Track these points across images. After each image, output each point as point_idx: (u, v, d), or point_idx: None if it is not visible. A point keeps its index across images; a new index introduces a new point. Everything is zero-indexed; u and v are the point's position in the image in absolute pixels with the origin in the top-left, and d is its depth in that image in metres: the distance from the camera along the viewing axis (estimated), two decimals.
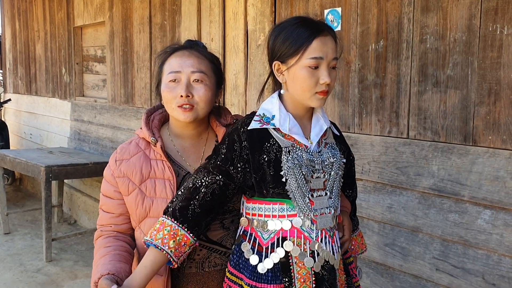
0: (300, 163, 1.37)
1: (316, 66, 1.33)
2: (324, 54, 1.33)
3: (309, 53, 1.32)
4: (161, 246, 1.34)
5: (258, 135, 1.39)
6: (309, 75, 1.33)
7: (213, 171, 1.39)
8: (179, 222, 1.36)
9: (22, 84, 7.13)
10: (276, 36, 1.38)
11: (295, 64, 1.34)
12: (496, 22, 1.88)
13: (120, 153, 1.58)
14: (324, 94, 1.36)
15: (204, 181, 1.38)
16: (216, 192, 1.38)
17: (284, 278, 1.38)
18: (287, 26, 1.37)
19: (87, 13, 5.09)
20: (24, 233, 5.02)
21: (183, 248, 1.37)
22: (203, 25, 3.44)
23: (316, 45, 1.32)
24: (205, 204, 1.37)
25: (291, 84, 1.38)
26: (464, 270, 2.03)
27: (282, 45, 1.36)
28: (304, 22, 1.36)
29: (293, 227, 1.38)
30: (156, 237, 1.36)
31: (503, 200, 1.89)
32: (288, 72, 1.37)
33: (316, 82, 1.34)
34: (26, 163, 4.46)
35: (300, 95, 1.38)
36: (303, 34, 1.33)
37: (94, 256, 1.53)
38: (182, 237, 1.36)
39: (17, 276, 3.95)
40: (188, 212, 1.37)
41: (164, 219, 1.38)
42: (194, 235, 1.38)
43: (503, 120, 1.88)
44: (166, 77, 1.52)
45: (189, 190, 1.39)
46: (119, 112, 4.64)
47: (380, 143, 2.32)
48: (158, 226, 1.38)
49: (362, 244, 1.70)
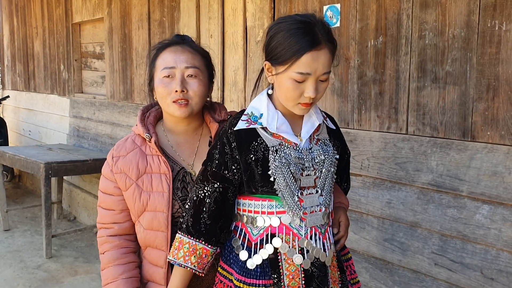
0: (288, 161, 1.36)
1: (302, 80, 1.30)
2: (313, 70, 1.29)
3: (297, 67, 1.29)
4: (184, 264, 1.41)
5: (246, 135, 1.39)
6: (293, 88, 1.31)
7: (211, 179, 1.40)
8: (196, 238, 1.41)
9: (20, 81, 7.12)
10: (272, 37, 1.35)
11: (282, 73, 1.32)
12: (494, 18, 1.89)
13: (116, 150, 1.60)
14: (307, 105, 1.35)
15: (206, 191, 1.40)
16: (218, 199, 1.40)
17: (273, 274, 1.39)
18: (285, 29, 1.31)
19: (86, 9, 5.08)
20: (24, 230, 5.03)
21: (205, 259, 1.42)
22: (202, 22, 3.44)
23: (305, 60, 1.28)
24: (213, 214, 1.40)
25: (277, 89, 1.38)
26: (463, 264, 2.04)
27: (274, 49, 1.33)
28: (301, 29, 1.29)
29: (282, 223, 1.39)
30: (178, 255, 1.41)
31: (501, 195, 1.90)
32: (276, 77, 1.36)
33: (300, 95, 1.32)
34: (26, 159, 4.46)
35: (283, 102, 1.38)
36: (295, 45, 1.28)
37: (104, 268, 1.57)
38: (201, 251, 1.41)
39: (18, 273, 3.96)
40: (201, 226, 1.40)
41: (181, 237, 1.43)
42: (212, 245, 1.42)
43: (501, 116, 1.89)
44: (160, 73, 1.54)
45: (195, 203, 1.41)
46: (118, 109, 4.64)
47: (379, 139, 2.34)
48: (178, 245, 1.43)
49: None
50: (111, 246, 1.57)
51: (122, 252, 1.58)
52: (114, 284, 1.53)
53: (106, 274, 1.56)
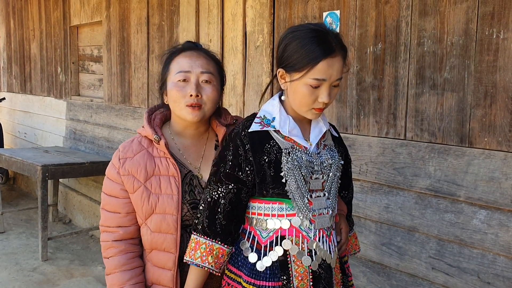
0: (300, 164, 1.40)
1: (317, 86, 1.35)
2: (328, 76, 1.35)
3: (313, 74, 1.34)
4: (202, 264, 1.43)
5: (259, 137, 1.43)
6: (309, 93, 1.36)
7: (225, 180, 1.43)
8: (212, 238, 1.43)
9: (16, 83, 7.10)
10: (287, 44, 1.39)
11: (298, 79, 1.37)
12: (492, 26, 1.92)
13: (123, 151, 1.59)
14: (320, 110, 1.40)
15: (220, 191, 1.43)
16: (232, 200, 1.43)
17: (282, 276, 1.41)
18: (300, 37, 1.36)
19: (84, 12, 5.09)
20: (19, 232, 5.01)
21: (222, 259, 1.45)
22: (202, 26, 3.46)
23: (321, 67, 1.33)
24: (228, 214, 1.43)
25: (291, 95, 1.41)
26: (460, 269, 2.07)
27: (290, 57, 1.37)
28: (317, 38, 1.35)
29: (292, 226, 1.42)
30: (195, 256, 1.44)
31: (498, 201, 1.93)
32: (290, 84, 1.40)
33: (315, 100, 1.37)
34: (22, 162, 4.45)
35: (297, 107, 1.42)
36: (312, 53, 1.33)
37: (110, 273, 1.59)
38: (218, 251, 1.44)
39: (13, 275, 3.95)
40: (216, 226, 1.43)
41: (197, 238, 1.45)
42: (228, 245, 1.45)
43: (498, 122, 1.92)
44: (174, 76, 1.54)
45: (210, 204, 1.44)
46: (115, 112, 4.64)
47: (377, 144, 2.36)
48: (194, 245, 1.45)
49: (356, 245, 1.73)
50: (116, 251, 1.57)
51: (128, 257, 1.58)
52: None
53: (112, 279, 1.57)
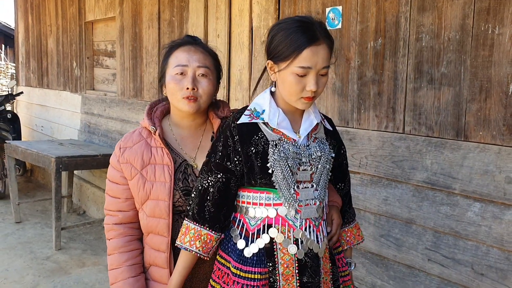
0: (287, 155, 1.45)
1: (304, 74, 1.39)
2: (313, 64, 1.38)
3: (298, 62, 1.37)
4: (190, 248, 1.50)
5: (248, 129, 1.48)
6: (296, 82, 1.40)
7: (214, 169, 1.49)
8: (200, 224, 1.51)
9: (34, 77, 7.27)
10: (273, 36, 1.44)
11: (285, 68, 1.41)
12: (488, 22, 1.95)
13: (124, 141, 1.70)
14: (309, 99, 1.43)
15: (210, 181, 1.50)
16: (221, 189, 1.49)
17: (268, 262, 1.47)
18: (285, 28, 1.41)
19: (98, 8, 5.20)
20: (35, 223, 5.16)
21: (209, 244, 1.51)
22: (210, 22, 3.53)
23: (306, 54, 1.37)
24: (216, 202, 1.49)
25: (280, 85, 1.46)
26: (455, 260, 2.10)
27: (276, 47, 1.42)
28: (301, 27, 1.38)
29: (278, 215, 1.47)
30: (184, 240, 1.51)
31: (491, 194, 1.96)
32: (278, 74, 1.45)
33: (303, 89, 1.41)
34: (37, 154, 4.59)
35: (286, 97, 1.46)
36: (296, 41, 1.37)
37: (110, 253, 1.69)
38: (206, 236, 1.50)
39: (28, 263, 4.08)
40: (205, 213, 1.50)
41: (188, 223, 1.53)
42: (216, 231, 1.51)
43: (493, 117, 1.95)
44: (172, 70, 1.63)
45: (200, 192, 1.51)
46: (128, 106, 4.75)
47: (377, 138, 2.41)
48: (184, 230, 1.53)
49: (359, 235, 1.77)
50: (116, 234, 1.68)
51: (126, 240, 1.68)
52: (119, 270, 1.65)
53: (111, 260, 1.68)
